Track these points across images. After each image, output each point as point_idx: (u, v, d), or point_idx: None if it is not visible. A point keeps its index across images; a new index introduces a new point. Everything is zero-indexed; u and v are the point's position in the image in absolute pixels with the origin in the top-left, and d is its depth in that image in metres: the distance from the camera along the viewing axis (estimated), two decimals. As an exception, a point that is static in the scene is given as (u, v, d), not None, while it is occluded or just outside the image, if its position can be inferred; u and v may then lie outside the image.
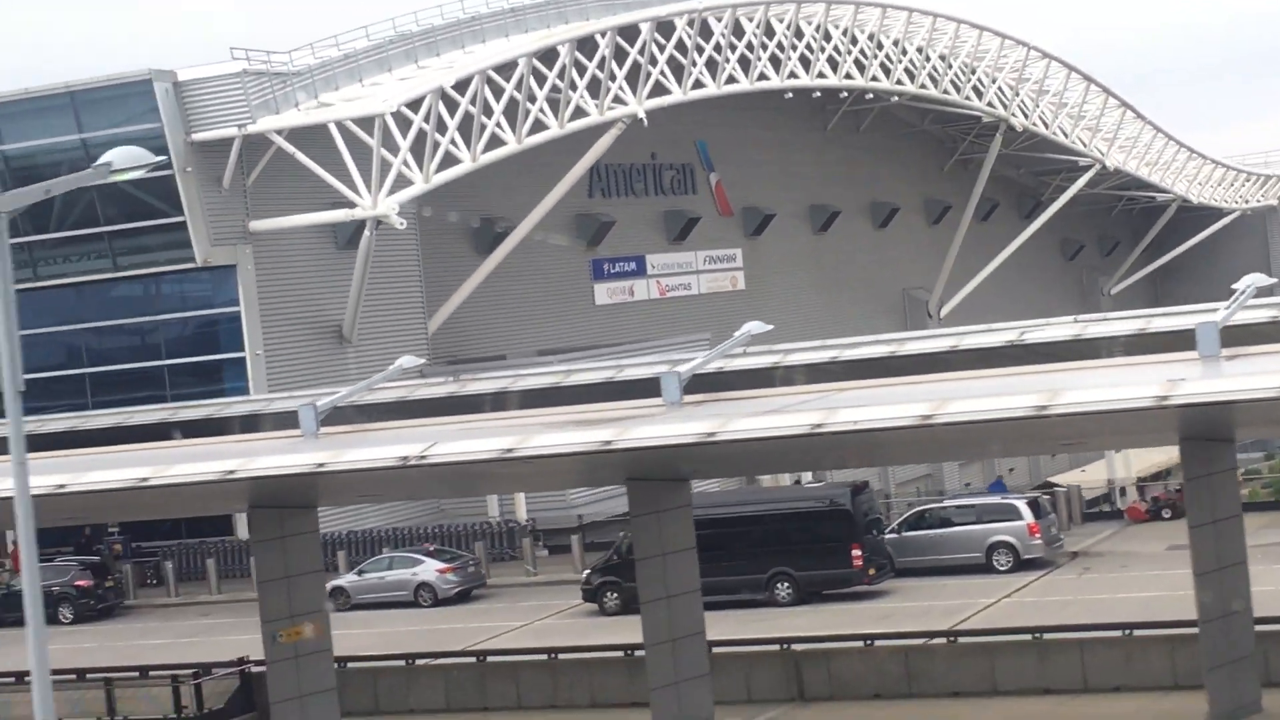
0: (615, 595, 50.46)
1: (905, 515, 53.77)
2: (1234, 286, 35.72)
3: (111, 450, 41.64)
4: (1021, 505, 51.67)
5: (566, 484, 55.60)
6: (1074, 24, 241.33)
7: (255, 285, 66.39)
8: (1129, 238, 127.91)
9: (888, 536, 51.28)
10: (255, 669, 42.59)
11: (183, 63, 65.59)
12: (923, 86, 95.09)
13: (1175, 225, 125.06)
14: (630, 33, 74.99)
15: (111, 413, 54.18)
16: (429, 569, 55.49)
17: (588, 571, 52.59)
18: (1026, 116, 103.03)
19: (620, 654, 40.22)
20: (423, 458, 32.84)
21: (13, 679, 44.54)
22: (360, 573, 56.43)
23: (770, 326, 40.29)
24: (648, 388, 41.97)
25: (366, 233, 66.05)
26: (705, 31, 78.91)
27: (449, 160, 67.00)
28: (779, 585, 48.67)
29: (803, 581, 48.78)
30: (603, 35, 73.65)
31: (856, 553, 48.85)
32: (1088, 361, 38.50)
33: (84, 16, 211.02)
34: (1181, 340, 40.58)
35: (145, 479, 33.92)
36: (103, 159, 20.64)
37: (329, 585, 57.51)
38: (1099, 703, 35.20)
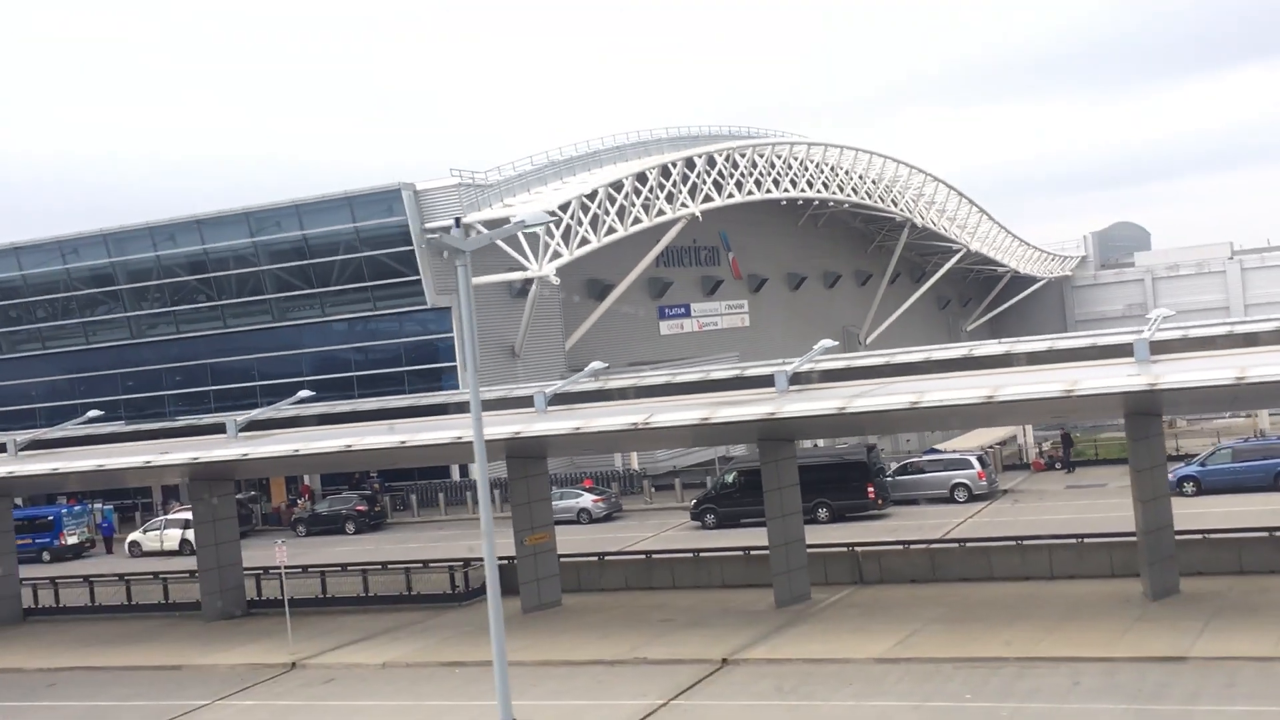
0: (712, 516, 49.48)
1: (897, 466, 52.55)
2: (1148, 316, 34.31)
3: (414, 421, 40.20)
4: (973, 459, 50.64)
5: (714, 443, 53.30)
6: (954, 150, 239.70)
7: (464, 319, 65.25)
8: (978, 295, 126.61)
9: (888, 479, 50.25)
10: (499, 562, 41.52)
11: (419, 177, 64.53)
12: (860, 198, 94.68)
13: (1008, 288, 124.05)
14: (690, 162, 74.20)
15: (428, 396, 51.58)
16: (587, 499, 54.46)
17: (694, 501, 51.46)
18: (922, 218, 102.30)
19: (741, 553, 39.15)
20: (647, 423, 31.77)
21: (339, 568, 43.58)
22: (541, 502, 55.42)
23: (836, 343, 38.87)
24: (734, 384, 39.77)
25: (533, 287, 65.05)
26: (734, 162, 78.22)
27: (583, 241, 65.94)
28: (819, 510, 47.29)
29: (835, 508, 47.60)
30: (674, 165, 72.83)
31: (870, 489, 47.84)
32: (1044, 365, 36.62)
33: (351, 148, 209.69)
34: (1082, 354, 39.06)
35: (460, 437, 32.88)
36: (517, 217, 19.61)
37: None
38: (1062, 585, 33.93)
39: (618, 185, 68.80)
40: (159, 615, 42.64)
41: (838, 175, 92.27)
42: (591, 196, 66.75)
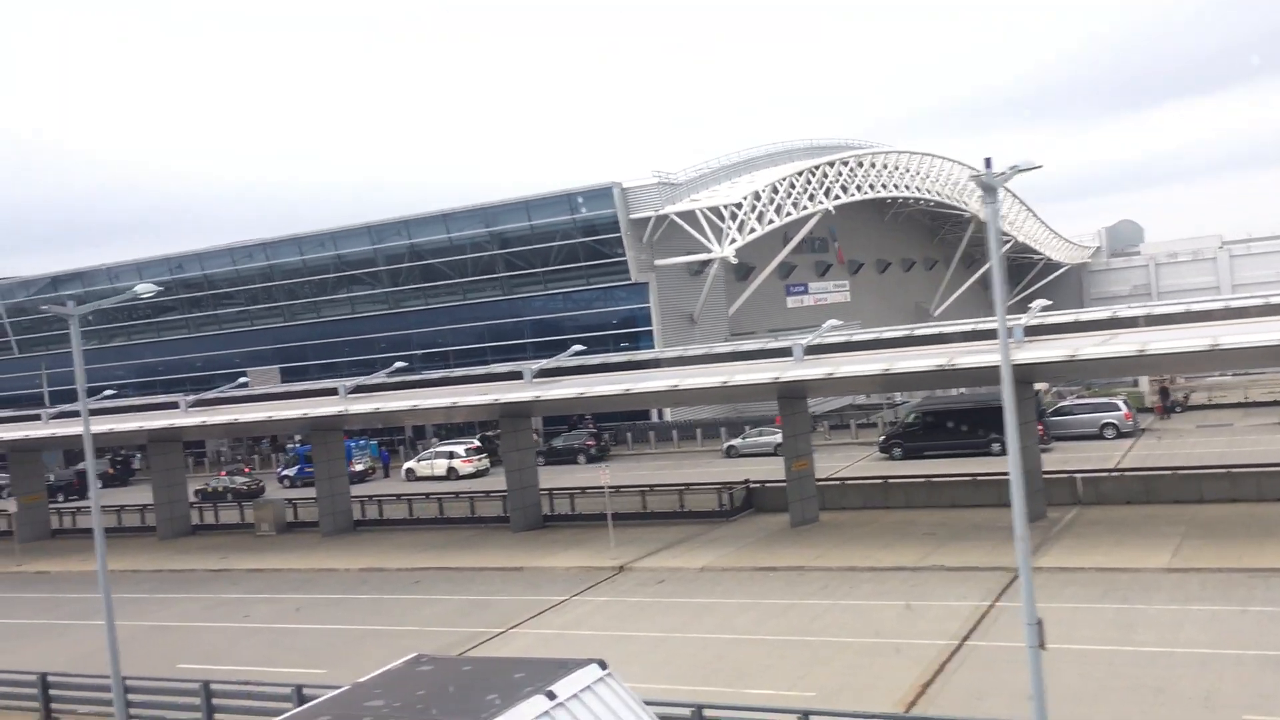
0: (899, 450, 46.33)
1: (1054, 407, 48.95)
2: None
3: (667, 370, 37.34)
4: (1119, 401, 47.07)
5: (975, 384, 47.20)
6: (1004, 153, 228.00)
7: (657, 293, 62.55)
8: (1013, 278, 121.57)
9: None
10: (752, 485, 38.81)
11: (625, 177, 61.82)
12: (942, 198, 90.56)
13: (1040, 271, 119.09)
14: (822, 167, 70.79)
15: (658, 351, 48.23)
16: (779, 436, 51.39)
17: (882, 438, 48.25)
18: (983, 217, 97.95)
19: (968, 478, 36.03)
20: (887, 371, 28.62)
21: (613, 489, 40.94)
22: (743, 438, 52.46)
23: (1050, 302, 35.49)
24: (969, 336, 35.06)
25: (714, 266, 62.18)
26: (851, 167, 74.66)
27: (750, 229, 62.95)
28: (994, 444, 44.11)
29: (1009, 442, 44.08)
30: (815, 169, 69.61)
31: (1040, 427, 44.33)
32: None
33: (572, 159, 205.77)
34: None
35: (725, 381, 29.92)
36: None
37: (725, 445, 53.52)
38: (1275, 507, 30.55)
39: (775, 187, 65.66)
40: (468, 527, 40.40)
41: (917, 177, 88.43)
42: (757, 194, 63.73)
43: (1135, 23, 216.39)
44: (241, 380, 48.11)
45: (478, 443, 55.86)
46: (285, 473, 57.49)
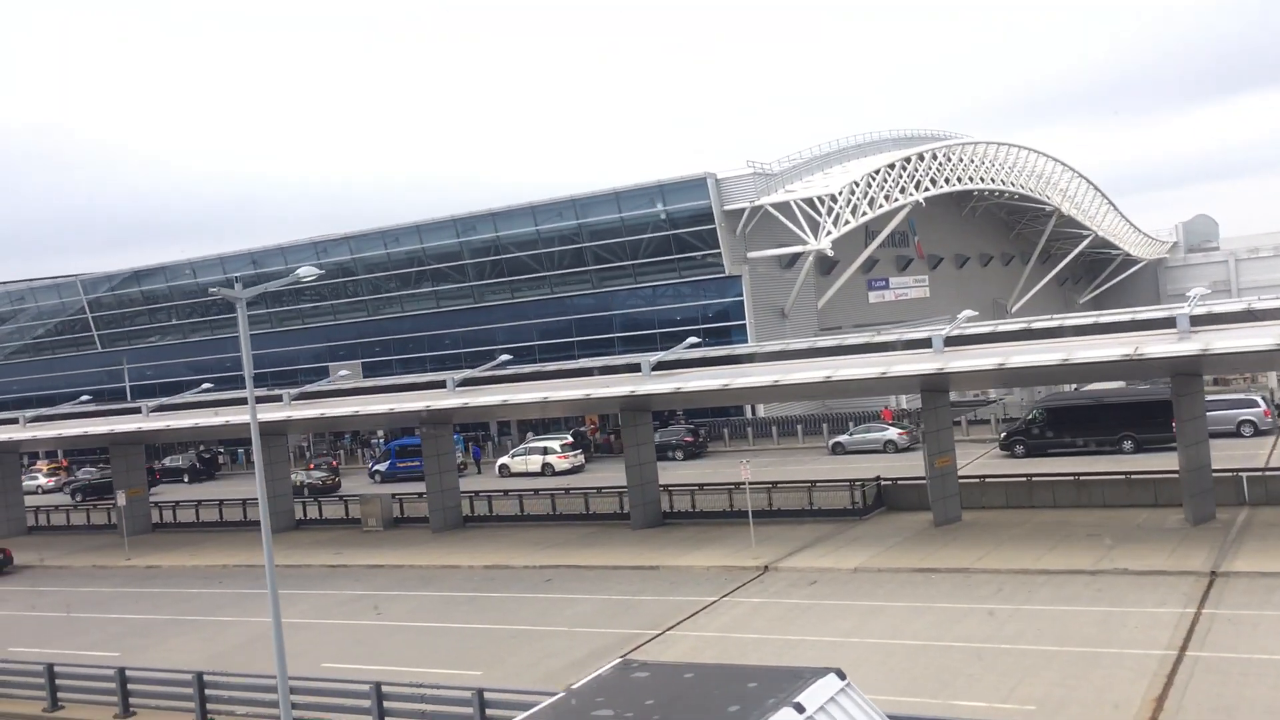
0: (1021, 447, 44.22)
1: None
2: None
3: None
4: (1258, 398, 44.65)
5: (1123, 377, 44.65)
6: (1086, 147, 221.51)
7: (750, 286, 60.97)
8: (1088, 273, 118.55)
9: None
10: (883, 482, 37.05)
11: (717, 168, 60.19)
12: (1026, 190, 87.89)
13: (1118, 267, 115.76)
14: (913, 159, 68.80)
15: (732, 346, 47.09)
16: (892, 432, 49.48)
17: (1004, 434, 46.05)
18: (1066, 209, 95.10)
19: (1122, 476, 34.04)
20: (1066, 360, 26.77)
21: (733, 485, 39.50)
22: (851, 434, 50.61)
23: (1209, 290, 33.41)
24: (1129, 326, 32.21)
25: (809, 259, 60.47)
26: (939, 160, 72.47)
27: (845, 221, 61.18)
28: (1125, 442, 42.07)
29: (1139, 440, 41.99)
30: (907, 160, 67.77)
31: (1174, 424, 42.16)
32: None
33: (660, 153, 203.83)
34: None
35: (883, 372, 28.24)
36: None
37: (831, 441, 51.79)
38: None
39: (870, 179, 63.78)
40: (582, 524, 39.09)
41: (1002, 170, 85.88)
42: (853, 186, 61.96)
43: (1180, 17, 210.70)
44: (342, 373, 47.19)
45: (571, 438, 54.65)
46: (376, 467, 56.64)
